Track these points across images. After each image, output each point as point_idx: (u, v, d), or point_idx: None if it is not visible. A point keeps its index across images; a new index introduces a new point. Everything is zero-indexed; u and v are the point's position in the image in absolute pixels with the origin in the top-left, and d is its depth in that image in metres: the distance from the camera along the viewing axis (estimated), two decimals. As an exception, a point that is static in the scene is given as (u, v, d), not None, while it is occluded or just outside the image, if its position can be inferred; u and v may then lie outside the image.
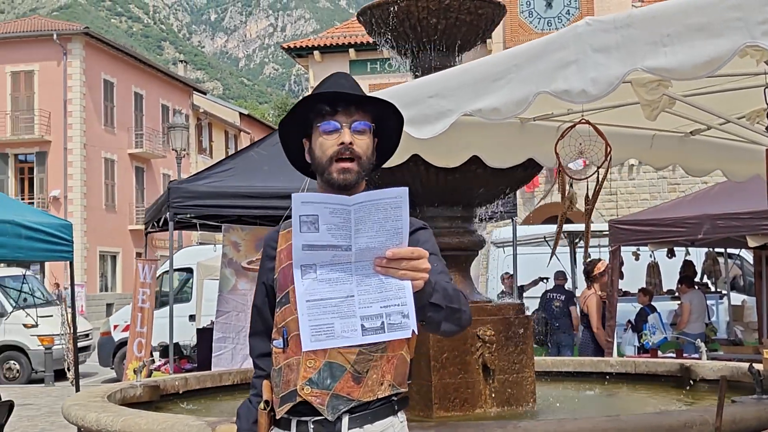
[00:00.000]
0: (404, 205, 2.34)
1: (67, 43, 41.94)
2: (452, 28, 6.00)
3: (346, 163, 2.66)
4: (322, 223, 2.32)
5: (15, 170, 42.93)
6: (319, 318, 2.37)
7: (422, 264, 2.37)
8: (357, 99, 2.70)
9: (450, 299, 2.53)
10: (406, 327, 2.36)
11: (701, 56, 2.61)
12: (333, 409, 2.57)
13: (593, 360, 8.43)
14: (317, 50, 32.00)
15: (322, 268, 2.36)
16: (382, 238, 2.33)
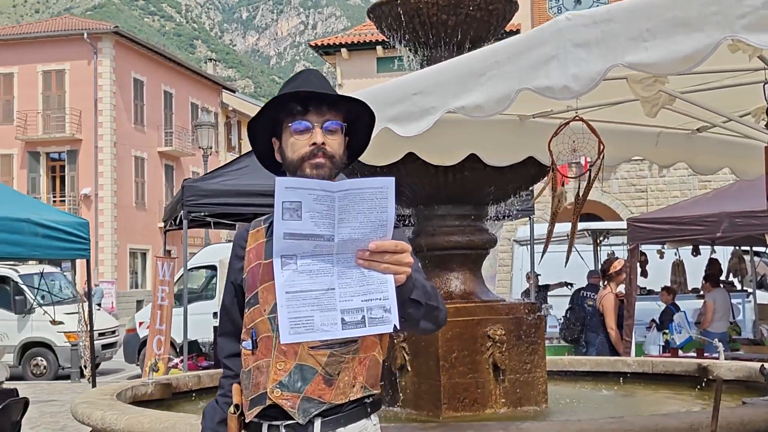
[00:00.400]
0: (390, 196, 2.27)
1: (97, 42, 42.28)
2: (463, 24, 5.97)
3: (319, 160, 2.60)
4: (305, 210, 2.25)
5: (47, 168, 43.34)
6: (298, 310, 2.31)
7: (405, 258, 2.34)
8: (328, 98, 2.64)
9: (429, 296, 2.50)
10: (388, 321, 2.31)
11: (681, 51, 2.55)
12: (304, 413, 2.52)
13: (610, 359, 8.35)
14: (345, 48, 32.00)
15: (303, 259, 2.30)
16: (366, 229, 2.27)
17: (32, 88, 42.68)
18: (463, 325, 5.50)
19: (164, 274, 11.20)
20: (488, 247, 6.21)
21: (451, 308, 5.49)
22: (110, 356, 20.28)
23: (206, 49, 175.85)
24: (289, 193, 2.25)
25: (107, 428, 5.06)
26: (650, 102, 3.64)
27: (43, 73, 42.74)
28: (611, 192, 26.75)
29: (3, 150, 42.99)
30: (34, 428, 12.01)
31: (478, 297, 5.92)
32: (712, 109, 4.42)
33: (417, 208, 6.11)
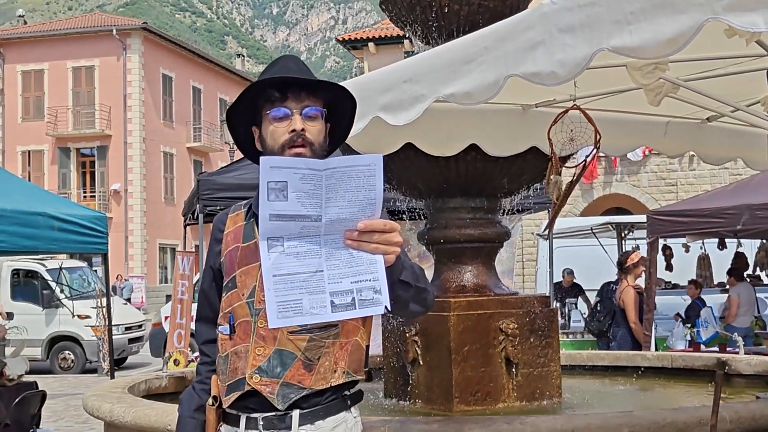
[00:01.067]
0: (378, 173, 2.20)
1: (126, 38, 42.55)
2: (475, 15, 5.90)
3: (299, 149, 2.53)
4: (291, 190, 2.18)
5: (77, 164, 43.69)
6: (286, 294, 2.25)
7: (394, 237, 2.29)
8: (307, 84, 2.58)
9: (417, 278, 2.45)
10: (378, 303, 2.25)
11: (665, 34, 2.48)
12: (283, 398, 2.48)
13: (629, 354, 8.25)
14: (372, 42, 32.00)
15: (289, 241, 2.24)
16: (354, 208, 2.21)
17: (62, 84, 43.04)
18: (475, 319, 5.45)
19: (184, 269, 11.23)
20: (502, 240, 6.15)
21: (464, 301, 5.47)
22: (137, 350, 20.41)
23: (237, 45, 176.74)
24: (275, 172, 2.18)
25: (115, 421, 5.06)
26: (653, 90, 3.57)
27: (73, 69, 43.07)
28: (641, 185, 26.58)
29: (34, 146, 43.41)
30: (58, 421, 12.12)
31: (491, 290, 5.87)
32: (718, 97, 4.33)
33: (429, 200, 6.06)
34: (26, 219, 7.73)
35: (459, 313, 5.39)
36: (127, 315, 20.37)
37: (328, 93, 2.64)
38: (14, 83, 43.67)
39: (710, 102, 4.69)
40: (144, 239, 42.39)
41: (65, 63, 42.94)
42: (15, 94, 43.72)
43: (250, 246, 2.54)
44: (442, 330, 5.42)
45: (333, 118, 2.67)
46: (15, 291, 19.70)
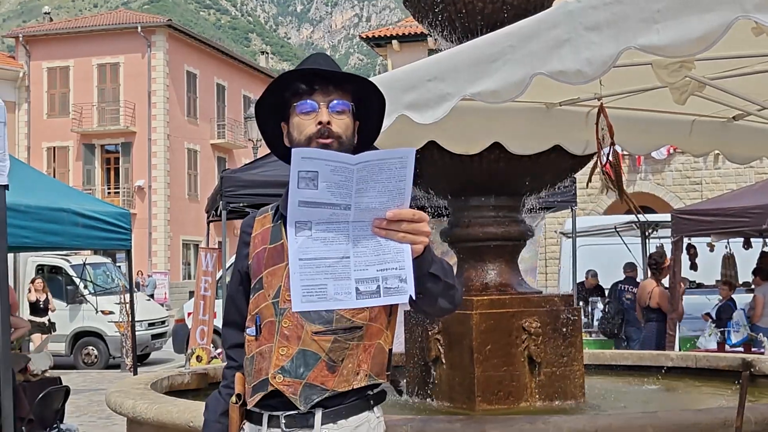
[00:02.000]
0: (410, 165, 2.20)
1: (151, 35, 42.75)
2: (499, 13, 5.88)
3: (326, 140, 2.52)
4: (321, 180, 2.18)
5: (101, 160, 43.95)
6: (312, 278, 2.24)
7: (423, 227, 2.26)
8: (334, 77, 2.56)
9: (446, 273, 2.41)
10: (404, 291, 2.23)
11: (693, 32, 2.45)
12: (306, 399, 2.47)
13: (653, 353, 8.21)
14: (395, 39, 31.97)
15: (317, 226, 2.23)
16: (384, 198, 2.21)
17: (87, 81, 43.31)
18: (498, 317, 5.43)
19: (207, 265, 11.25)
20: (525, 238, 6.12)
21: (486, 300, 5.46)
22: (160, 346, 20.50)
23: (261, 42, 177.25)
24: (306, 162, 2.18)
25: (138, 417, 5.09)
26: (679, 89, 3.54)
27: (98, 66, 43.32)
28: (665, 184, 26.43)
29: (59, 142, 43.70)
30: (82, 416, 12.19)
31: (513, 289, 5.85)
32: (744, 96, 4.28)
33: (452, 198, 6.04)
34: (51, 215, 7.77)
35: (481, 312, 5.38)
36: (150, 311, 20.46)
37: (357, 89, 2.62)
38: (40, 80, 43.98)
39: (736, 100, 4.64)
40: (167, 235, 42.58)
41: (90, 60, 43.19)
42: (40, 91, 44.03)
43: (277, 247, 2.54)
44: (464, 328, 5.40)
45: (362, 115, 2.66)
46: (40, 286, 19.85)
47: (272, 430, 2.52)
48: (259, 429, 2.55)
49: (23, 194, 7.17)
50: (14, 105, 42.32)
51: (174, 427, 4.73)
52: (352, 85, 2.61)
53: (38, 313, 17.75)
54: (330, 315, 2.46)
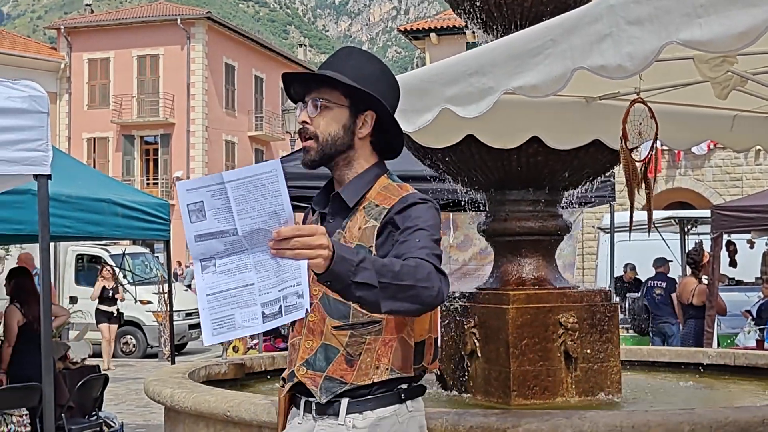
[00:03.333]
0: (280, 179, 2.18)
1: (190, 27, 42.99)
2: (539, 6, 5.83)
3: (305, 142, 2.61)
4: (207, 208, 2.22)
5: (141, 151, 44.30)
6: (220, 310, 2.27)
7: (315, 240, 2.16)
8: (302, 77, 2.66)
9: (395, 276, 2.26)
10: (301, 307, 2.23)
11: (737, 27, 2.42)
12: (326, 392, 2.54)
13: (690, 350, 8.14)
14: (434, 32, 31.90)
15: (220, 259, 2.26)
16: (266, 217, 2.20)
17: (127, 72, 43.65)
18: (534, 312, 5.41)
19: (244, 256, 11.32)
20: (562, 233, 6.09)
21: (522, 295, 5.44)
22: (197, 336, 20.65)
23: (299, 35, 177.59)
24: (191, 194, 2.23)
25: (176, 406, 5.13)
26: (720, 83, 3.51)
27: (138, 58, 43.65)
28: (705, 180, 26.18)
29: (99, 133, 44.10)
30: (120, 404, 12.34)
31: (550, 283, 5.82)
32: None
33: (489, 192, 6.03)
34: (91, 205, 7.85)
35: (518, 306, 5.36)
36: (188, 301, 20.60)
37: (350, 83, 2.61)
38: (81, 71, 44.40)
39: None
40: (205, 227, 42.85)
41: (130, 51, 43.52)
42: (81, 82, 44.46)
43: None
44: (500, 323, 5.39)
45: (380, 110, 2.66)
46: (79, 276, 20.09)
47: (306, 415, 2.61)
48: (298, 413, 2.65)
49: (65, 184, 7.25)
50: (55, 96, 42.75)
51: (211, 416, 4.78)
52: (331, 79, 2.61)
53: (107, 302, 17.46)
54: (347, 309, 2.51)
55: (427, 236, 2.47)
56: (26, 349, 7.80)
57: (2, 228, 7.22)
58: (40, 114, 5.04)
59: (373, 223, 2.56)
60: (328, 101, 2.60)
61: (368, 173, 2.67)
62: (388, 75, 2.72)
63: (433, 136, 4.68)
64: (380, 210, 2.56)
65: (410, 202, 2.56)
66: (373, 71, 2.67)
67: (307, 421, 2.59)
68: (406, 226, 2.50)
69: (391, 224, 2.53)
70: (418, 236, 2.45)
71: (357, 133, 2.65)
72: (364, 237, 2.55)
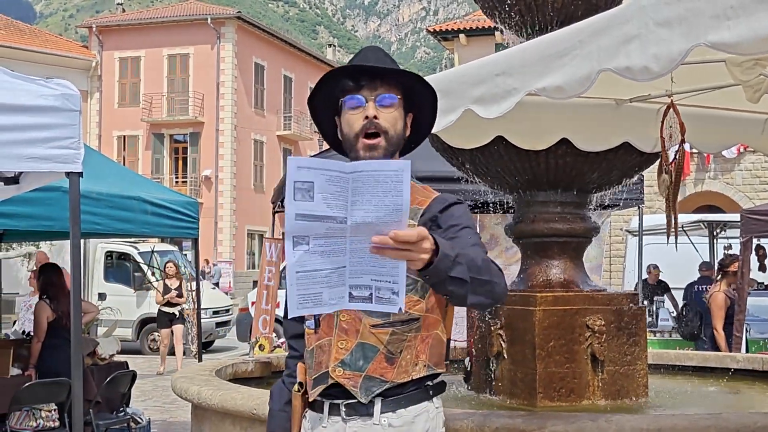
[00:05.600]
0: (405, 179, 2.17)
1: (220, 27, 43.20)
2: (569, 6, 5.82)
3: (372, 140, 2.57)
4: (317, 191, 2.19)
5: (170, 150, 44.54)
6: (307, 287, 2.28)
7: (424, 244, 2.21)
8: (380, 72, 2.61)
9: (478, 270, 2.37)
10: (395, 303, 2.23)
11: (764, 30, 2.41)
12: (366, 391, 2.52)
13: (718, 355, 8.09)
14: (463, 33, 31.86)
15: (315, 240, 2.24)
16: (381, 213, 2.18)
17: (158, 71, 43.92)
18: (561, 314, 5.39)
19: (271, 255, 11.32)
20: (590, 235, 6.06)
21: (550, 296, 5.43)
22: (224, 334, 20.75)
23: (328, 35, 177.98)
24: (302, 172, 2.19)
25: (202, 403, 5.16)
26: (752, 86, 3.48)
27: (168, 57, 43.91)
28: (734, 183, 25.95)
29: (129, 131, 44.41)
30: (147, 401, 12.41)
31: (577, 286, 5.79)
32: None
33: (517, 194, 6.02)
34: (121, 202, 7.90)
35: (545, 308, 5.35)
36: (215, 299, 20.70)
37: (407, 83, 2.66)
38: (112, 70, 44.73)
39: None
40: (233, 225, 43.04)
41: (161, 51, 43.80)
42: (112, 81, 44.79)
43: None
44: (527, 324, 5.38)
45: (416, 109, 2.69)
46: (108, 272, 20.22)
47: (333, 418, 2.58)
48: (320, 417, 2.60)
49: (95, 182, 7.30)
50: (87, 94, 43.10)
51: (237, 414, 4.80)
52: (400, 78, 2.64)
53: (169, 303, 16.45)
54: None
55: (474, 234, 2.53)
56: (55, 345, 7.85)
57: (33, 224, 7.29)
58: (72, 112, 5.07)
59: (409, 222, 2.56)
60: (394, 98, 2.61)
61: None
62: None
63: (463, 137, 4.69)
64: (414, 210, 2.55)
65: (450, 202, 2.61)
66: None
67: (334, 424, 2.57)
68: (450, 224, 2.55)
69: (433, 222, 2.55)
70: (468, 233, 2.51)
71: (405, 133, 2.68)
72: None
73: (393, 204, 2.17)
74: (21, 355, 8.08)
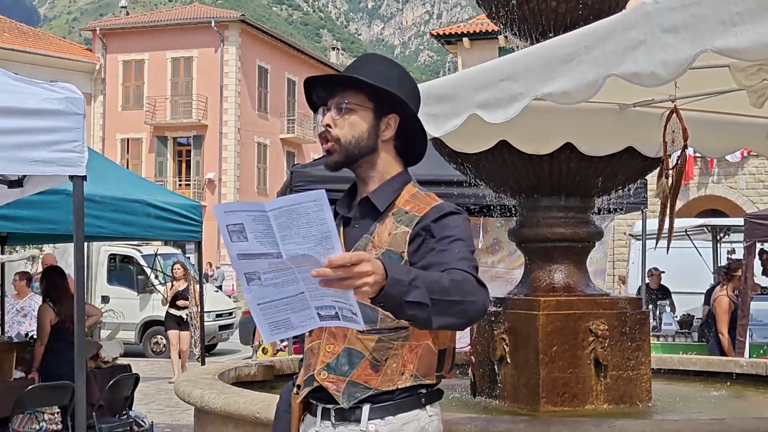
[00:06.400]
0: (326, 208, 2.15)
1: (224, 30, 43.24)
2: (573, 11, 5.83)
3: (326, 145, 2.61)
4: (248, 231, 2.21)
5: (173, 153, 44.58)
6: (274, 315, 2.29)
7: (362, 268, 2.11)
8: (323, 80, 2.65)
9: (444, 291, 2.26)
10: (357, 322, 2.22)
11: (771, 36, 2.42)
12: (349, 397, 2.52)
13: (722, 360, 8.08)
14: (466, 37, 31.87)
15: (265, 275, 2.26)
16: (310, 243, 2.17)
17: (161, 74, 43.96)
18: (564, 319, 5.39)
19: (274, 259, 11.35)
20: (594, 240, 6.07)
21: (553, 301, 5.42)
22: (227, 337, 20.75)
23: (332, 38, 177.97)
24: (231, 216, 2.23)
25: (206, 407, 5.17)
26: (756, 92, 3.48)
27: (172, 60, 43.95)
28: (738, 188, 25.93)
29: (133, 134, 44.45)
30: (150, 404, 12.40)
31: (581, 290, 5.79)
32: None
33: (521, 198, 6.02)
34: (124, 206, 7.90)
35: (548, 313, 5.35)
36: (218, 302, 20.70)
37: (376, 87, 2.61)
38: (116, 72, 44.78)
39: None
40: (236, 228, 43.05)
41: (165, 54, 43.83)
42: (116, 83, 44.83)
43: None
44: (530, 329, 5.38)
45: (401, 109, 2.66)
46: (111, 275, 20.23)
47: (324, 423, 2.58)
48: (314, 421, 2.62)
49: (99, 185, 7.30)
50: (90, 97, 43.12)
51: (240, 418, 4.81)
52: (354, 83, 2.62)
53: (176, 305, 15.66)
54: (375, 314, 2.49)
55: (465, 247, 2.46)
56: (59, 348, 7.85)
57: (37, 227, 7.29)
58: (76, 116, 5.08)
59: (404, 229, 2.54)
60: (352, 104, 2.60)
61: (396, 180, 2.66)
62: (409, 79, 2.73)
63: (467, 142, 4.69)
64: (411, 217, 2.55)
65: (446, 212, 2.55)
66: (395, 75, 2.67)
67: (325, 428, 2.57)
68: (443, 235, 2.49)
69: (426, 231, 2.52)
70: (457, 247, 2.44)
71: (381, 136, 2.64)
72: (395, 242, 2.54)
73: (320, 233, 2.16)
74: (24, 358, 8.09)
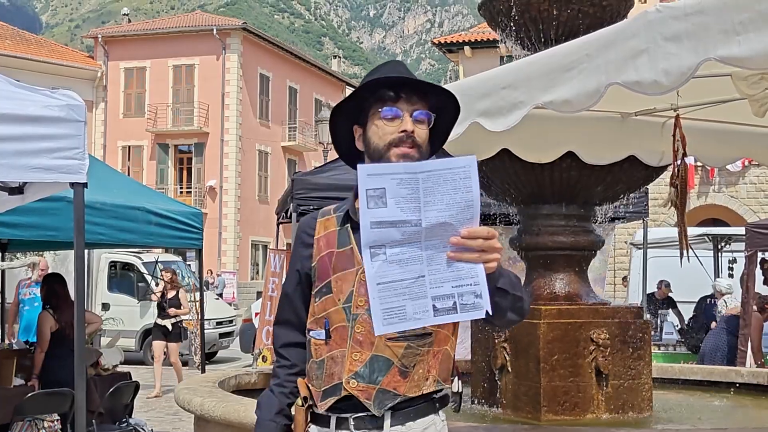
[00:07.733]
0: (474, 175, 2.19)
1: (226, 38, 43.32)
2: (574, 20, 5.83)
3: (410, 149, 2.53)
4: (389, 196, 2.19)
5: (175, 160, 44.62)
6: (390, 300, 2.26)
7: (495, 243, 2.26)
8: (421, 87, 2.59)
9: (514, 286, 2.43)
10: (480, 307, 2.25)
11: (775, 45, 2.41)
12: (380, 404, 2.51)
13: (723, 369, 8.06)
14: (468, 45, 31.91)
15: (392, 249, 2.24)
16: (453, 211, 2.20)
17: (163, 82, 44.03)
18: (565, 328, 5.39)
19: (275, 266, 11.34)
20: (594, 248, 6.06)
21: (554, 310, 5.42)
22: (227, 345, 20.70)
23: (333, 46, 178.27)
24: (373, 179, 2.19)
25: (205, 415, 5.14)
26: (758, 101, 3.48)
27: (174, 67, 44.03)
28: (739, 197, 25.92)
29: (134, 141, 44.50)
30: (149, 411, 12.38)
31: (582, 299, 5.79)
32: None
33: (522, 206, 6.01)
34: (125, 213, 7.88)
35: (549, 322, 5.34)
36: (218, 310, 20.65)
37: (436, 99, 2.64)
38: (117, 80, 44.85)
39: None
40: (237, 236, 43.05)
41: (166, 61, 43.91)
42: (117, 91, 44.90)
43: (346, 252, 2.56)
44: (531, 338, 5.37)
45: (435, 124, 2.66)
46: (111, 282, 20.20)
47: None
48: (327, 431, 2.58)
49: (99, 192, 7.29)
50: (92, 104, 43.19)
51: (240, 426, 4.79)
52: (435, 95, 2.63)
53: (162, 314, 14.95)
54: None
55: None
56: (59, 355, 7.85)
57: (37, 234, 7.28)
58: (77, 123, 5.07)
59: None
60: (428, 115, 2.60)
61: None
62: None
63: (468, 150, 4.68)
64: None
65: None
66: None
67: None
68: None
69: None
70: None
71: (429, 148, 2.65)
72: None
73: (464, 201, 2.19)
74: (24, 365, 8.08)
